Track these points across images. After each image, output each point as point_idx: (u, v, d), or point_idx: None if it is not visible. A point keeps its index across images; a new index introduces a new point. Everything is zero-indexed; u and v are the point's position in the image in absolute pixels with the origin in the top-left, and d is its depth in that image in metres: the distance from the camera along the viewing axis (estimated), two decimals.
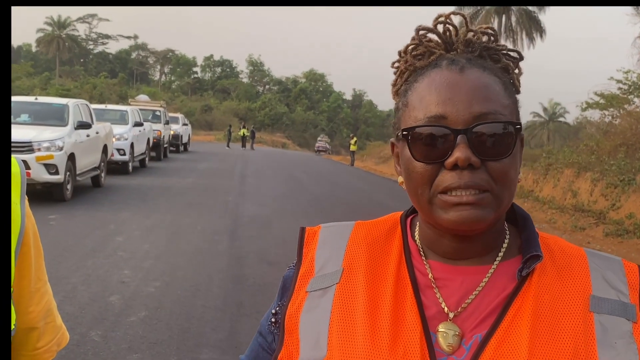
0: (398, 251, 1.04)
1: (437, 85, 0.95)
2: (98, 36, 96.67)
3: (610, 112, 21.13)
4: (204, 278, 7.30)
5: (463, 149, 0.91)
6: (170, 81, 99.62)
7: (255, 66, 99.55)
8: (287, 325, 1.02)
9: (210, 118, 72.05)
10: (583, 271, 0.99)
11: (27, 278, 1.35)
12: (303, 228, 1.11)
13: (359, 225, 1.10)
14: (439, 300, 0.98)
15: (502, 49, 1.04)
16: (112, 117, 19.62)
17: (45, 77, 67.80)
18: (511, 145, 0.95)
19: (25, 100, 14.61)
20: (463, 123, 0.92)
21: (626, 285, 0.98)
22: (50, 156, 11.71)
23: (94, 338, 5.19)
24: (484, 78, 0.96)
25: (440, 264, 1.01)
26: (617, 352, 0.91)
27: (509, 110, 0.97)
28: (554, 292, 0.96)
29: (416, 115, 0.96)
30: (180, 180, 18.24)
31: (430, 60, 1.01)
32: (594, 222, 13.74)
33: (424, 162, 0.94)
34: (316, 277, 1.04)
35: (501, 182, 0.93)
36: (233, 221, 11.61)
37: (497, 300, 0.96)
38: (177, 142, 32.50)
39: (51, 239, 8.67)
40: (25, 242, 1.31)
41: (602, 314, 0.94)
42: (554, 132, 62.67)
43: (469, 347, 0.94)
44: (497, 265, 1.00)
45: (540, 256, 0.98)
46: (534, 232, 1.03)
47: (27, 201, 1.33)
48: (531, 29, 39.42)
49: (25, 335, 1.38)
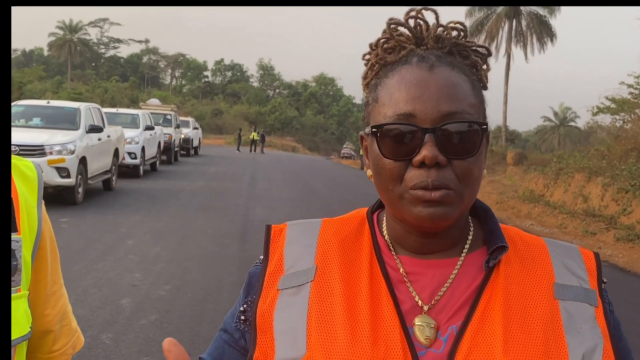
0: (368, 248, 1.05)
1: (406, 82, 0.97)
2: (109, 40, 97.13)
3: (622, 116, 21.02)
4: (215, 282, 7.32)
5: (430, 148, 0.93)
6: (181, 85, 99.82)
7: (266, 70, 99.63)
8: (260, 324, 1.01)
9: (220, 122, 72.15)
10: (545, 260, 1.03)
11: (43, 281, 1.36)
12: (269, 226, 1.12)
13: (327, 222, 1.11)
14: (412, 295, 1.00)
15: (471, 45, 1.06)
16: (123, 120, 19.69)
17: (57, 80, 68.14)
18: (477, 145, 0.96)
19: (37, 103, 14.74)
20: (431, 122, 0.94)
21: (585, 272, 1.02)
22: (62, 159, 11.78)
23: (105, 341, 5.22)
24: (453, 77, 0.98)
25: (410, 258, 1.03)
26: (583, 337, 0.94)
27: (476, 109, 0.99)
28: (521, 281, 0.99)
29: (385, 112, 0.98)
30: (191, 184, 18.29)
31: (400, 56, 1.03)
32: (605, 227, 13.67)
33: (392, 159, 0.96)
34: (287, 274, 1.04)
35: (465, 180, 0.95)
36: (243, 225, 11.63)
37: (468, 292, 0.99)
38: (188, 146, 32.55)
39: (62, 242, 8.71)
40: (42, 245, 1.33)
41: (566, 301, 0.98)
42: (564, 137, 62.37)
43: (445, 338, 0.96)
44: (464, 257, 1.03)
45: (506, 247, 1.01)
46: (496, 223, 1.06)
47: (43, 205, 1.34)
48: (542, 33, 39.31)
49: (41, 338, 1.39)
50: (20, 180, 1.29)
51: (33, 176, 1.32)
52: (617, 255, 11.28)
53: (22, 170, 1.31)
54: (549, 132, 67.61)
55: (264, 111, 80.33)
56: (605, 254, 11.46)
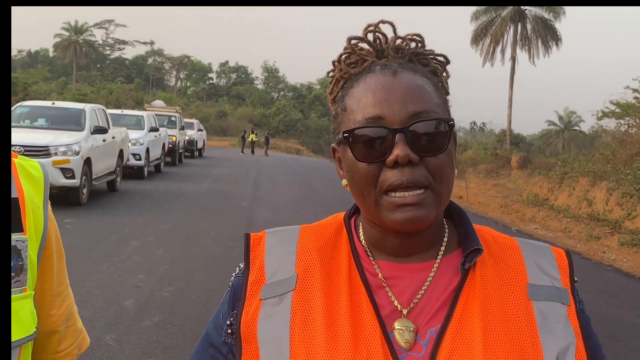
0: (347, 254, 1.06)
1: (372, 88, 1.00)
2: (115, 42, 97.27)
3: (626, 121, 21.00)
4: (219, 283, 7.32)
5: (402, 147, 0.95)
6: (186, 87, 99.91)
7: (270, 72, 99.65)
8: (244, 335, 1.01)
9: (225, 124, 72.16)
10: (518, 261, 1.05)
11: (49, 282, 1.36)
12: (247, 234, 1.13)
13: (305, 229, 1.12)
14: (391, 299, 1.02)
15: (429, 54, 1.09)
16: (128, 122, 19.75)
17: (62, 82, 68.24)
18: (446, 141, 0.99)
19: (43, 104, 14.78)
20: (400, 122, 0.97)
21: (557, 270, 1.05)
22: (66, 160, 11.81)
23: (108, 342, 5.22)
24: (416, 80, 1.01)
25: (387, 263, 1.05)
26: (556, 337, 0.97)
27: (441, 108, 1.02)
28: (496, 283, 1.01)
29: (355, 117, 1.01)
30: (195, 186, 18.31)
31: (363, 67, 1.06)
32: (609, 231, 13.64)
33: (366, 162, 0.99)
34: (268, 284, 1.04)
35: (439, 177, 0.98)
36: (247, 227, 11.63)
37: (445, 295, 1.01)
38: (192, 148, 32.62)
39: (67, 242, 8.63)
40: (47, 245, 1.33)
41: (539, 301, 1.00)
42: (569, 141, 62.20)
43: (425, 342, 0.98)
44: (440, 260, 1.05)
45: (481, 250, 1.03)
46: (470, 225, 1.08)
47: (49, 205, 1.34)
48: (547, 37, 39.24)
49: (47, 338, 1.39)
50: (27, 181, 1.29)
51: (39, 176, 1.32)
52: (621, 260, 11.25)
53: (29, 171, 1.31)
54: (554, 136, 67.44)
55: (268, 113, 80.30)
56: (610, 258, 11.44)
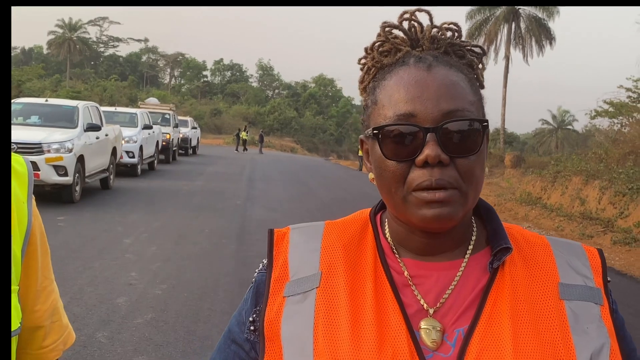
0: (372, 251, 1.04)
1: (405, 83, 0.97)
2: (109, 39, 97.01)
3: (619, 120, 21.08)
4: (211, 281, 7.32)
5: (432, 147, 0.93)
6: (180, 84, 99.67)
7: (265, 70, 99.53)
8: (267, 334, 1.00)
9: (219, 122, 72.09)
10: (549, 260, 1.02)
11: (33, 277, 1.35)
12: (271, 230, 1.10)
13: (330, 225, 1.10)
14: (417, 298, 0.99)
15: (466, 45, 1.05)
16: (121, 119, 19.70)
17: (55, 79, 68.02)
18: (479, 143, 0.96)
19: (36, 102, 14.72)
20: (432, 121, 0.94)
21: (589, 270, 1.02)
22: (59, 158, 11.77)
23: (100, 339, 5.21)
24: (451, 75, 0.97)
25: (413, 261, 1.02)
26: (590, 337, 0.94)
27: (476, 107, 0.98)
28: (526, 282, 0.98)
29: (385, 113, 0.98)
30: (189, 183, 18.28)
31: (397, 58, 1.02)
32: (602, 230, 13.68)
33: (395, 160, 0.96)
34: (292, 281, 1.02)
35: (468, 179, 0.95)
36: (241, 225, 11.62)
37: (473, 294, 0.98)
38: (186, 145, 32.58)
39: (59, 240, 8.71)
40: (32, 241, 1.32)
41: (572, 301, 0.97)
42: (562, 140, 62.38)
43: (453, 342, 0.95)
44: (468, 259, 1.02)
45: (510, 248, 1.00)
46: (499, 223, 1.05)
47: (34, 200, 1.34)
48: (540, 37, 39.32)
49: (31, 334, 1.38)
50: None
51: (23, 171, 1.31)
52: (614, 259, 11.28)
53: (13, 166, 1.30)
54: (547, 135, 67.62)
55: (263, 111, 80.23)
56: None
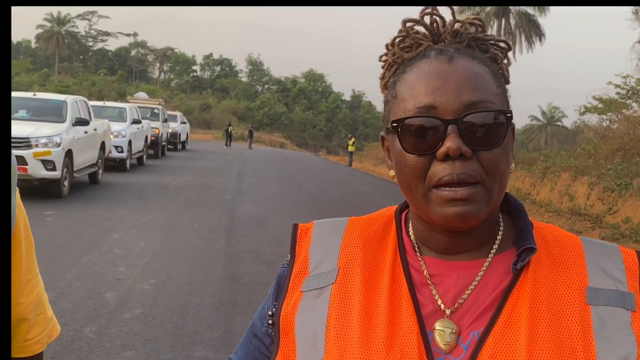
0: (393, 248, 1.02)
1: (425, 75, 0.94)
2: (98, 33, 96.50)
3: (608, 116, 21.16)
4: (200, 276, 7.30)
5: (454, 139, 0.90)
6: (169, 79, 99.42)
7: (255, 65, 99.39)
8: (283, 327, 1.00)
9: (208, 117, 72.03)
10: (579, 262, 0.97)
11: (17, 269, 1.34)
12: (296, 225, 1.09)
13: (353, 221, 1.08)
14: (435, 298, 0.96)
15: (489, 39, 1.02)
16: (110, 114, 19.58)
17: (44, 73, 67.77)
18: (502, 135, 0.93)
19: (24, 96, 14.61)
20: (453, 112, 0.91)
21: (624, 273, 0.96)
22: (47, 152, 11.70)
23: (88, 334, 5.19)
24: (473, 67, 0.94)
25: (434, 259, 0.99)
26: (615, 345, 0.88)
27: (499, 99, 0.95)
28: (550, 285, 0.94)
29: (406, 106, 0.95)
30: (178, 179, 18.23)
31: (418, 52, 1.00)
32: (590, 225, 13.76)
33: (415, 154, 0.93)
34: (311, 276, 1.01)
35: (492, 173, 0.92)
36: (229, 220, 11.61)
37: (493, 296, 0.95)
38: (175, 140, 32.52)
39: (47, 235, 8.66)
40: (16, 233, 1.31)
41: (599, 306, 0.91)
42: (551, 136, 62.70)
43: (466, 345, 0.92)
44: (491, 258, 0.98)
45: (534, 249, 0.95)
46: (527, 222, 1.01)
47: (18, 192, 1.32)
48: (530, 33, 39.44)
49: (16, 326, 1.37)
50: None
51: None
52: None
53: None
54: (537, 131, 67.91)
55: (252, 106, 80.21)
56: None
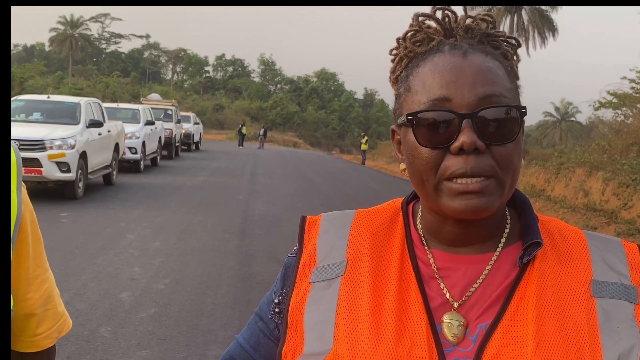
0: (400, 241, 1.03)
1: (440, 68, 0.95)
2: (111, 35, 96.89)
3: (623, 111, 21.01)
4: (214, 276, 7.33)
5: (468, 133, 0.90)
6: (182, 80, 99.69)
7: (267, 65, 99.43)
8: (291, 317, 1.01)
9: (221, 117, 72.11)
10: (583, 255, 0.98)
11: (24, 265, 1.35)
12: (304, 216, 1.11)
13: (360, 213, 1.09)
14: (443, 291, 0.97)
15: (501, 36, 1.03)
16: (124, 115, 19.65)
17: (58, 76, 68.05)
18: (516, 130, 0.94)
19: (38, 98, 14.73)
20: (467, 106, 0.92)
21: (627, 266, 0.97)
22: (62, 154, 11.78)
23: (103, 334, 5.23)
24: (487, 62, 0.95)
25: (442, 253, 1.00)
26: (619, 336, 0.90)
27: (512, 94, 0.96)
28: (556, 278, 0.95)
29: (419, 99, 0.95)
30: (191, 179, 18.29)
31: (430, 47, 1.00)
32: (606, 221, 13.67)
33: (429, 147, 0.93)
34: (319, 267, 1.03)
35: (505, 167, 0.92)
36: (243, 219, 11.64)
37: (500, 289, 0.96)
38: (189, 141, 32.59)
39: (62, 236, 8.72)
40: (22, 229, 1.32)
41: (604, 299, 0.93)
42: (566, 132, 62.26)
43: (474, 338, 0.93)
44: (499, 252, 0.99)
45: (540, 243, 0.97)
46: (533, 216, 1.02)
47: (24, 188, 1.33)
48: (543, 28, 39.20)
49: (24, 321, 1.38)
50: None
51: (12, 160, 1.31)
52: None
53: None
54: (551, 127, 67.51)
55: (265, 106, 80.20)
56: None
